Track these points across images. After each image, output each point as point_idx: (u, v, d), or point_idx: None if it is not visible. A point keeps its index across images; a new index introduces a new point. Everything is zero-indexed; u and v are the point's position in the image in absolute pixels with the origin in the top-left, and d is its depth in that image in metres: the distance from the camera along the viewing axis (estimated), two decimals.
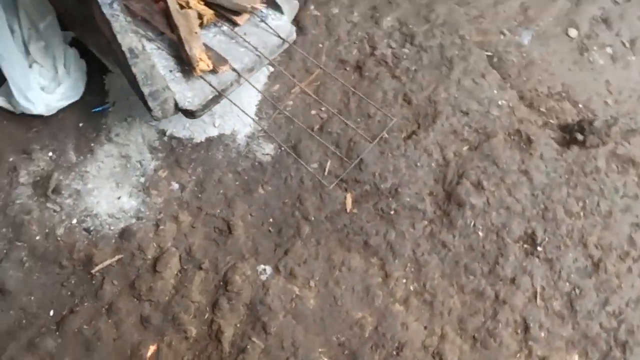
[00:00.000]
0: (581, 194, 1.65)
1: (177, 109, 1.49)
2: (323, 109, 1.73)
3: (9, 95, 1.61)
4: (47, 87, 1.62)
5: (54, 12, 1.69)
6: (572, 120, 1.82)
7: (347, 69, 1.84)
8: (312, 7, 1.91)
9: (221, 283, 1.54)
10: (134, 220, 1.59)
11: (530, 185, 1.66)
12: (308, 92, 1.64)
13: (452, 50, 1.86)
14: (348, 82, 1.81)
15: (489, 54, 1.92)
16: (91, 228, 1.57)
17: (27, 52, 1.64)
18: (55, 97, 1.61)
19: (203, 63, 1.47)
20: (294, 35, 1.63)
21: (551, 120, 1.82)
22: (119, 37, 1.42)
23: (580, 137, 1.72)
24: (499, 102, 1.79)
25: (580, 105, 1.88)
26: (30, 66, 1.61)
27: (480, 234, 1.61)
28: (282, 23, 1.62)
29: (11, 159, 1.62)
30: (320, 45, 1.85)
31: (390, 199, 1.64)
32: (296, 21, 1.87)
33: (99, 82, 1.74)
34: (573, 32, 2.06)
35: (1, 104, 1.63)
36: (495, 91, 1.81)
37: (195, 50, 1.47)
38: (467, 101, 1.78)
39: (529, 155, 1.70)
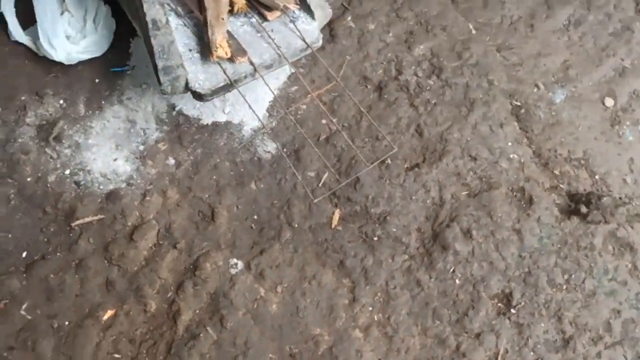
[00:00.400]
0: (569, 267, 1.61)
1: (187, 88, 1.50)
2: (334, 120, 1.72)
3: (35, 37, 1.64)
4: (72, 37, 1.65)
5: None
6: (583, 190, 1.77)
7: (368, 86, 1.82)
8: (349, 18, 1.89)
9: (191, 267, 1.55)
10: (123, 185, 1.61)
11: (519, 245, 1.62)
12: (319, 102, 1.64)
13: (477, 93, 1.83)
14: (366, 99, 1.80)
15: (518, 104, 1.88)
16: (81, 182, 1.60)
17: None
18: (78, 48, 1.64)
19: (222, 50, 1.47)
20: (320, 43, 1.62)
21: (561, 185, 1.78)
22: (145, 6, 1.44)
23: (584, 209, 1.67)
24: (511, 155, 1.75)
25: (597, 177, 1.83)
26: (61, 14, 1.64)
27: (457, 281, 1.58)
28: (310, 28, 1.61)
29: (23, 98, 1.65)
30: (348, 57, 1.84)
31: (377, 225, 1.63)
32: (330, 28, 1.86)
33: (125, 43, 1.76)
34: (609, 102, 2.00)
35: (27, 43, 1.66)
36: (509, 143, 1.77)
37: (217, 36, 1.47)
38: (479, 147, 1.75)
39: (526, 215, 1.66)
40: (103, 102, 1.69)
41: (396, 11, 1.93)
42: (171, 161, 1.65)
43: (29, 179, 1.57)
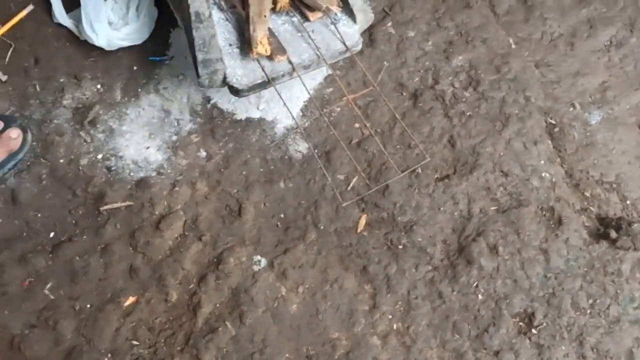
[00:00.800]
0: (594, 291, 1.59)
1: (224, 82, 1.50)
2: (367, 124, 1.71)
3: (78, 20, 1.66)
4: (114, 23, 1.66)
5: None
6: (613, 214, 1.74)
7: (404, 93, 1.81)
8: (389, 23, 1.88)
9: (215, 260, 1.55)
10: (154, 174, 1.62)
11: (545, 265, 1.60)
12: (354, 106, 1.63)
13: (513, 108, 1.81)
14: (401, 106, 1.79)
15: (553, 122, 1.86)
16: (113, 168, 1.61)
17: None
18: (119, 35, 1.65)
19: (262, 47, 1.47)
20: (359, 47, 1.62)
21: (591, 207, 1.75)
22: None
23: (613, 234, 1.65)
24: (543, 174, 1.73)
25: (628, 202, 1.80)
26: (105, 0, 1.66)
27: (480, 297, 1.57)
28: (351, 31, 1.60)
29: (62, 80, 1.67)
30: (385, 63, 1.83)
31: (403, 234, 1.62)
32: (369, 33, 1.85)
33: (165, 33, 1.77)
34: None
35: (69, 26, 1.68)
36: (542, 161, 1.75)
37: (258, 33, 1.47)
38: (511, 163, 1.73)
39: (555, 236, 1.64)
40: (139, 89, 1.70)
41: (437, 20, 1.92)
42: (202, 154, 1.66)
43: (61, 161, 1.59)
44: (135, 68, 1.72)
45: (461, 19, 1.93)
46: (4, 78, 1.63)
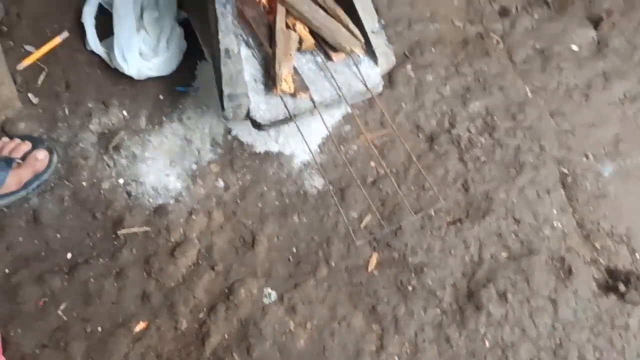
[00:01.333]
0: (601, 344, 1.59)
1: (248, 116, 1.55)
2: (383, 164, 1.74)
3: (110, 49, 1.71)
4: (145, 54, 1.72)
5: None
6: (622, 267, 1.75)
7: (420, 135, 1.85)
8: (409, 66, 1.93)
9: (226, 290, 1.57)
10: (172, 201, 1.65)
11: (554, 315, 1.61)
12: (372, 145, 1.66)
13: (527, 156, 1.84)
14: (417, 148, 1.82)
15: (566, 171, 1.88)
16: (132, 193, 1.64)
17: (140, 17, 1.75)
18: (148, 65, 1.71)
19: (286, 84, 1.52)
20: (380, 89, 1.66)
21: (601, 259, 1.76)
22: (220, 35, 1.50)
23: (622, 288, 1.66)
24: (554, 223, 1.75)
25: (637, 255, 1.81)
26: (137, 30, 1.71)
27: (487, 344, 1.57)
28: (372, 74, 1.65)
29: (90, 105, 1.72)
30: (403, 105, 1.87)
31: (413, 275, 1.63)
32: (390, 75, 1.90)
33: (192, 65, 1.82)
34: None
35: (101, 54, 1.74)
36: (555, 211, 1.77)
37: (283, 71, 1.52)
38: (524, 210, 1.75)
39: (564, 286, 1.65)
40: (164, 118, 1.74)
41: (456, 66, 1.97)
42: (220, 184, 1.70)
43: (84, 184, 1.63)
44: (161, 97, 1.77)
45: (480, 66, 1.98)
46: (35, 101, 1.69)
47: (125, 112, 1.73)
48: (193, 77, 1.82)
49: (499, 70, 1.99)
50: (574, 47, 2.16)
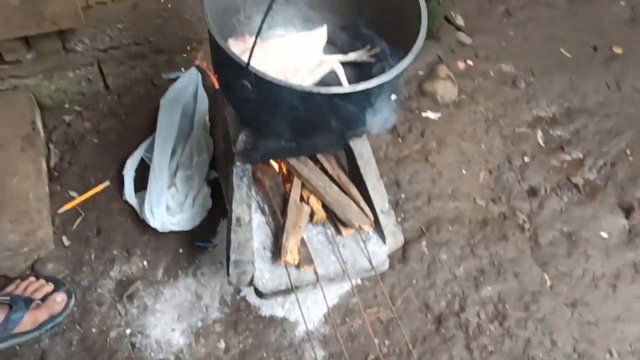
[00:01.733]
0: None
1: (251, 283, 1.60)
2: (387, 342, 1.72)
3: (142, 201, 1.86)
4: (172, 209, 1.86)
5: (211, 151, 1.97)
6: None
7: (428, 316, 1.82)
8: (424, 243, 1.96)
9: None
10: (172, 358, 1.68)
11: None
12: (369, 323, 1.66)
13: (537, 351, 1.76)
14: (423, 329, 1.79)
15: None
16: (137, 345, 1.70)
17: (174, 174, 1.91)
18: (172, 220, 1.83)
19: (290, 256, 1.57)
20: (386, 267, 1.68)
21: None
22: (234, 204, 1.61)
23: None
24: None
25: None
26: (169, 187, 1.87)
27: None
28: (379, 251, 1.68)
29: (115, 252, 1.84)
30: (414, 281, 1.88)
31: None
32: (403, 249, 1.93)
33: (215, 221, 1.93)
34: None
35: (133, 204, 1.89)
36: None
37: (290, 242, 1.58)
38: None
39: None
40: (180, 272, 1.83)
41: (472, 247, 1.97)
42: (222, 345, 1.72)
43: (93, 330, 1.70)
44: (180, 251, 1.87)
45: (496, 249, 1.98)
46: (67, 243, 1.83)
47: (145, 262, 1.84)
48: (214, 233, 1.92)
49: (515, 256, 1.97)
50: (604, 234, 2.12)
